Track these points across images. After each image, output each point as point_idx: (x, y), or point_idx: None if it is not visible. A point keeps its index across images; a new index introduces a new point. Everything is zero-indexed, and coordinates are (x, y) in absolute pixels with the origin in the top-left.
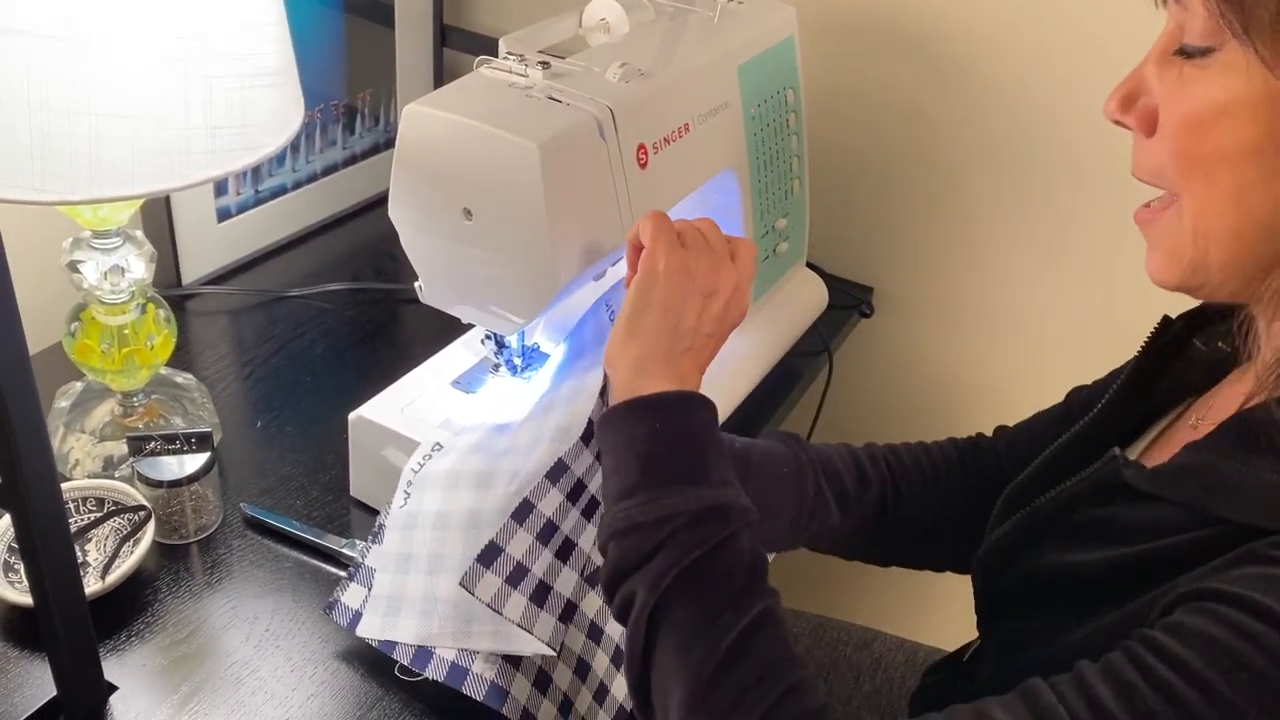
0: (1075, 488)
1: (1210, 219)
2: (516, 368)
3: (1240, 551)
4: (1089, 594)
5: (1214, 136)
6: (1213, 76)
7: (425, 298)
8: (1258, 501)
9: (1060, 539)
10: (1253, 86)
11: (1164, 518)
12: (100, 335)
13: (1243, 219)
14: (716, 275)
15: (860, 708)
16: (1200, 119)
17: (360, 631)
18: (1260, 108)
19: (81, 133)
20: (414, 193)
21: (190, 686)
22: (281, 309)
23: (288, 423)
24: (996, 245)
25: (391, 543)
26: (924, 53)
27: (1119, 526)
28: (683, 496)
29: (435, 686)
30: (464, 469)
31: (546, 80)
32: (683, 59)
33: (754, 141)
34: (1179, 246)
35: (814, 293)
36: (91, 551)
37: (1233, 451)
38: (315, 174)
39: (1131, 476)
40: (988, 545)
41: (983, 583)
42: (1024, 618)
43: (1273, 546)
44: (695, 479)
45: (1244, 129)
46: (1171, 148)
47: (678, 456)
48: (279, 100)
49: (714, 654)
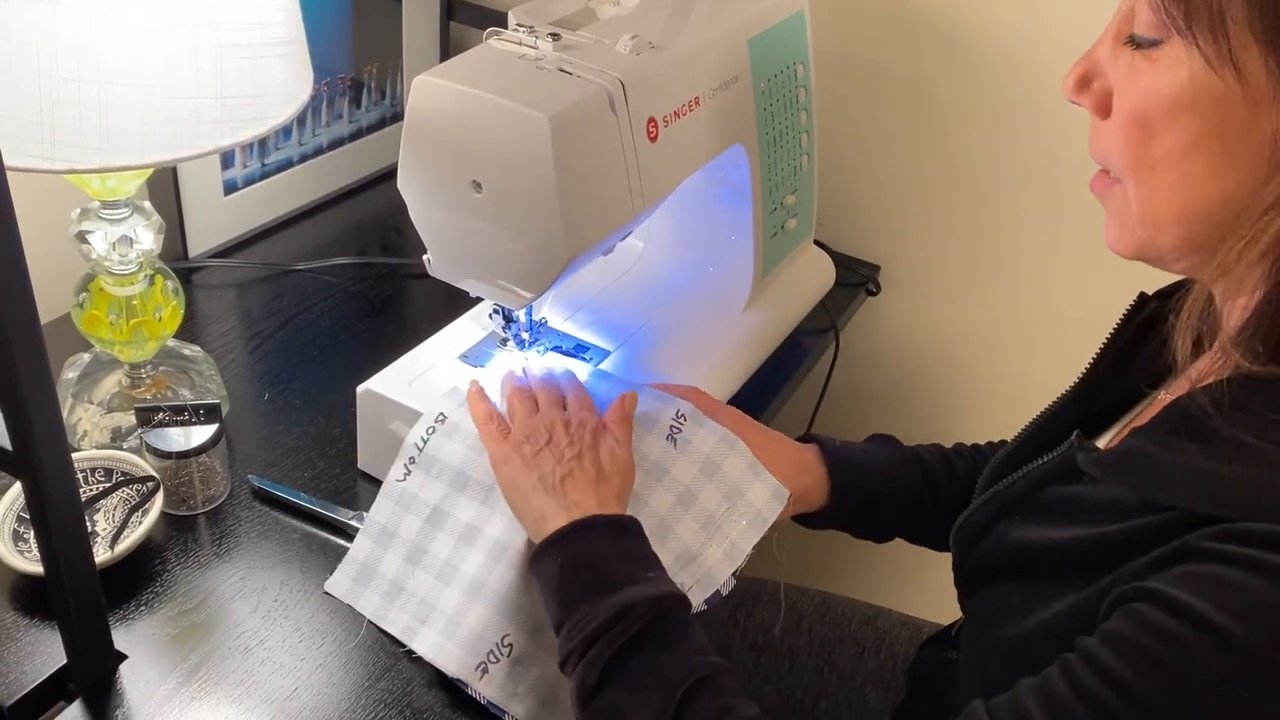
0: (1042, 468)
1: (1157, 207)
2: (524, 342)
3: (1176, 545)
4: (1056, 571)
5: (1160, 131)
6: (1159, 70)
7: (434, 271)
8: (1187, 488)
9: (1029, 516)
10: (1197, 83)
11: (1120, 499)
12: (108, 306)
13: (1189, 209)
14: (540, 422)
15: (864, 683)
16: (1147, 113)
17: (328, 586)
18: (1204, 104)
19: (91, 101)
20: (423, 165)
21: (199, 656)
22: (288, 282)
23: (295, 395)
24: (1004, 225)
25: (380, 513)
26: (935, 29)
27: (1084, 506)
28: (590, 610)
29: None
30: (473, 473)
31: (557, 52)
32: (693, 32)
33: (764, 116)
34: (1129, 225)
35: (821, 270)
36: (100, 522)
37: (1166, 439)
38: (321, 148)
39: (1083, 460)
40: (964, 519)
41: (959, 556)
42: (997, 593)
43: (1205, 538)
44: (601, 591)
45: (1189, 124)
46: (1119, 137)
47: (584, 577)
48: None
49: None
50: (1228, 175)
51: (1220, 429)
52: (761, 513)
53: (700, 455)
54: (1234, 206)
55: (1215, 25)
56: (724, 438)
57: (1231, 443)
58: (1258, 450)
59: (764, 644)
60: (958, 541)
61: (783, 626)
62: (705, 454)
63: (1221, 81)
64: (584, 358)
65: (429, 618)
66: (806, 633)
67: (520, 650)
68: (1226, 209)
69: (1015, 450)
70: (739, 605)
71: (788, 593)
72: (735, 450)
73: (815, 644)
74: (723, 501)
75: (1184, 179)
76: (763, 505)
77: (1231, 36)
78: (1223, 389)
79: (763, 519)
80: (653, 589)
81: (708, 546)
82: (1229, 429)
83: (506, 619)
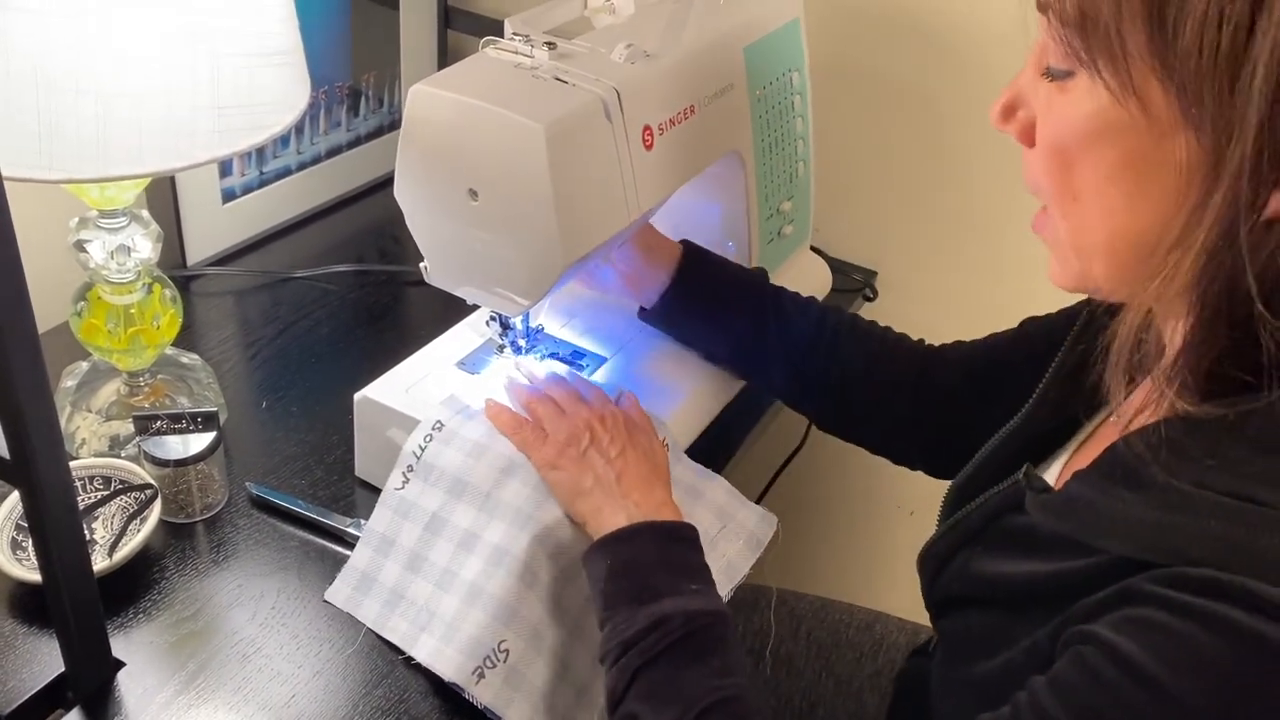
0: (997, 497)
1: (1085, 236)
2: (521, 349)
3: (1120, 587)
4: (1017, 604)
5: (1077, 161)
6: (1071, 101)
7: (430, 278)
8: (1128, 536)
9: (990, 546)
10: (1105, 114)
11: (1072, 535)
12: (106, 315)
13: (1114, 237)
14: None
15: (862, 688)
16: (1063, 144)
17: (328, 596)
18: (1114, 135)
19: (89, 112)
20: (419, 173)
21: (196, 663)
22: (286, 290)
23: (293, 403)
24: (1000, 230)
25: (379, 521)
26: (930, 36)
27: (1040, 537)
28: (629, 617)
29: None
30: (470, 479)
31: (552, 61)
32: (688, 40)
33: (759, 124)
34: (1065, 257)
35: (818, 276)
36: (99, 529)
37: (1104, 485)
38: (320, 156)
39: (1030, 503)
40: (927, 546)
41: (927, 583)
42: (965, 621)
43: (1148, 581)
44: (642, 599)
45: (1103, 155)
46: (1043, 170)
47: (627, 583)
48: (286, 80)
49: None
50: (1143, 206)
51: (1157, 477)
52: (755, 534)
53: (682, 484)
54: (1152, 236)
55: (1115, 57)
56: (701, 471)
57: (1169, 491)
58: (1196, 498)
59: (761, 650)
60: (921, 569)
61: (779, 634)
62: (687, 483)
63: (1127, 113)
64: (580, 364)
65: (429, 625)
66: (804, 638)
67: (517, 656)
68: (1147, 238)
69: (971, 476)
70: (737, 612)
71: (785, 598)
72: (714, 481)
73: (813, 649)
74: (716, 521)
75: (1106, 209)
76: (755, 527)
77: (1131, 68)
78: (1159, 432)
79: (757, 540)
80: (691, 603)
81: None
82: (1166, 478)
83: (504, 625)
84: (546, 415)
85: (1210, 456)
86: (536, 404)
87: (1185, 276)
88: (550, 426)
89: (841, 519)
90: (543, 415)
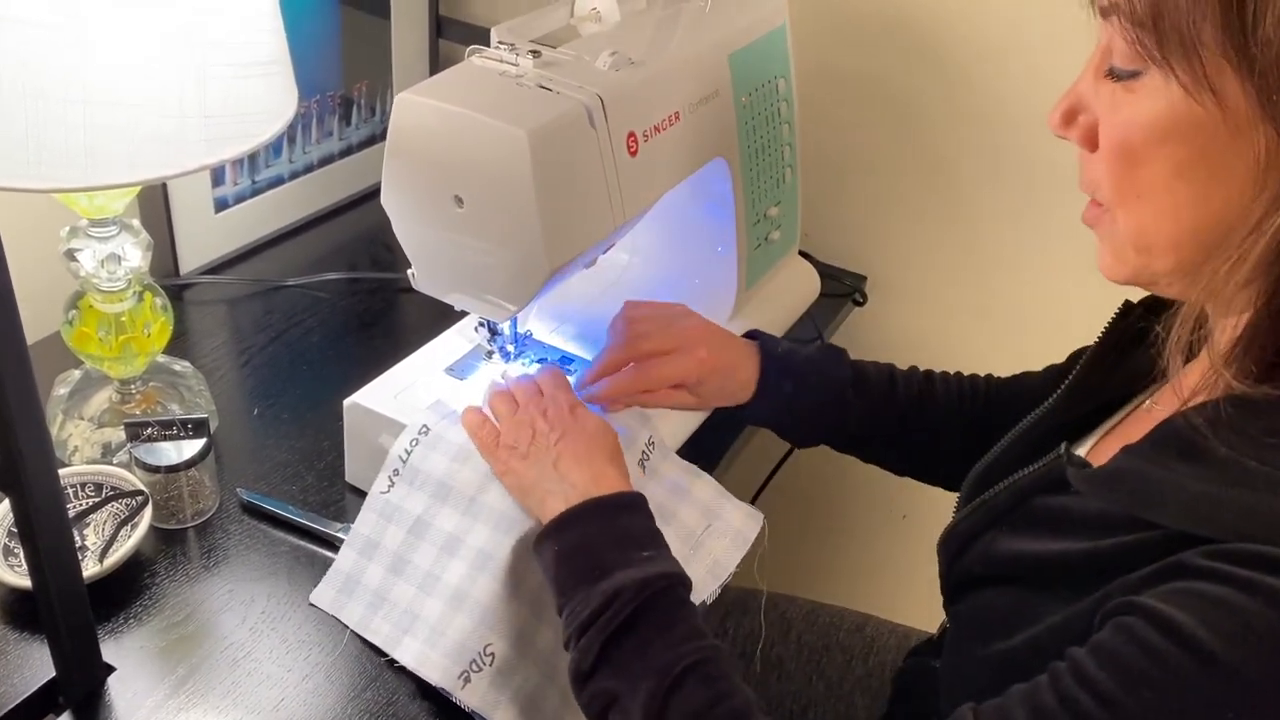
0: (1029, 478)
1: (1149, 234)
2: (509, 354)
3: (1171, 561)
4: (1044, 582)
5: (1145, 160)
6: (1140, 101)
7: (418, 285)
8: (1180, 508)
9: (1016, 526)
10: (1177, 111)
11: (1109, 514)
12: (98, 323)
13: (1179, 234)
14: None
15: (853, 690)
16: (1131, 145)
17: (313, 598)
18: (1186, 131)
19: (76, 121)
20: (406, 181)
21: (186, 668)
22: (278, 298)
23: (284, 410)
24: (989, 233)
25: (364, 525)
26: (916, 41)
27: (1072, 518)
28: (584, 597)
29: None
30: (455, 484)
31: (537, 69)
32: (673, 47)
33: (745, 130)
34: (1122, 252)
35: (806, 281)
36: (90, 535)
37: (1158, 458)
38: (312, 165)
39: (1073, 476)
40: (949, 528)
41: (945, 565)
42: (984, 602)
43: (1201, 556)
44: (593, 577)
45: (1173, 152)
46: (1106, 169)
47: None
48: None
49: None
50: (1215, 198)
51: (1217, 451)
52: (742, 532)
53: (668, 480)
54: (1223, 229)
55: (1189, 53)
56: (687, 469)
57: (1229, 465)
58: (1258, 474)
59: (752, 653)
60: (943, 550)
61: (769, 637)
62: (673, 480)
63: (1201, 108)
64: (569, 370)
65: (411, 627)
66: (795, 641)
67: (502, 659)
68: (1215, 231)
69: (998, 459)
70: (727, 615)
71: (777, 601)
72: (701, 479)
73: (804, 653)
74: (701, 519)
75: (1172, 205)
76: (741, 525)
77: (1206, 63)
78: (1217, 409)
79: (744, 538)
80: (642, 571)
81: (690, 562)
82: (1227, 451)
83: (489, 628)
84: (504, 416)
85: (1270, 435)
86: (496, 403)
87: (1253, 263)
88: (503, 427)
89: (833, 522)
90: (501, 415)
